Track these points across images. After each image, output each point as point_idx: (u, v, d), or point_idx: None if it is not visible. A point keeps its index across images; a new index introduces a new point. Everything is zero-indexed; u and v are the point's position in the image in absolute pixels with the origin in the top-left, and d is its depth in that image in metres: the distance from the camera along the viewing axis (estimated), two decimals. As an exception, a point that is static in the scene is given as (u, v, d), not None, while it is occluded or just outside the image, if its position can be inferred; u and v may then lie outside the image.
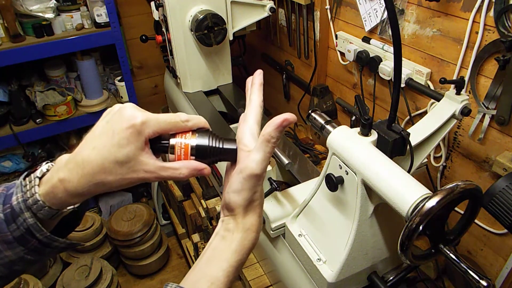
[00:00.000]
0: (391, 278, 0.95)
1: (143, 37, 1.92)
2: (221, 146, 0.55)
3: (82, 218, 0.62)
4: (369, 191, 0.79)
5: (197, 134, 0.55)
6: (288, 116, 0.51)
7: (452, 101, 1.01)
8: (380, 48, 1.42)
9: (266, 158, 0.52)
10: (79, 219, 0.61)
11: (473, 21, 1.10)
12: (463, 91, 1.02)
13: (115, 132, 0.48)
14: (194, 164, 0.53)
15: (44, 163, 0.55)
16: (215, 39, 1.63)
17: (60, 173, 0.50)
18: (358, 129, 0.84)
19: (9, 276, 0.57)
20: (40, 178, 0.52)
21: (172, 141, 0.53)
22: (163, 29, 1.76)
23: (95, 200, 2.54)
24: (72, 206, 0.56)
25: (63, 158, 0.52)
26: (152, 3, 1.73)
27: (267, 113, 2.16)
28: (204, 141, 0.54)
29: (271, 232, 1.08)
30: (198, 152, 0.54)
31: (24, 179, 0.53)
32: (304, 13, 1.78)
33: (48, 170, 0.53)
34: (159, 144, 0.53)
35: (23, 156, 2.14)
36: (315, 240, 0.97)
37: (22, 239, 0.52)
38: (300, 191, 1.15)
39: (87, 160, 0.49)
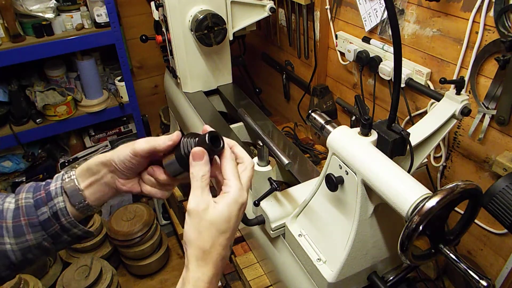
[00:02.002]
0: (391, 278, 0.95)
1: (143, 37, 1.92)
2: (195, 140, 0.60)
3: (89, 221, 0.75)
4: (369, 191, 0.79)
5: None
6: (194, 150, 0.57)
7: (452, 101, 1.01)
8: (380, 48, 1.42)
9: (193, 195, 0.56)
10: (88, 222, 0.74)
11: (473, 21, 1.10)
12: (463, 91, 1.02)
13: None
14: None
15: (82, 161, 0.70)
16: (215, 39, 1.63)
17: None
18: (358, 129, 0.84)
19: (20, 265, 0.65)
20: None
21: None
22: (163, 29, 1.76)
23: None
24: (91, 204, 0.68)
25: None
26: (152, 3, 1.73)
27: (267, 113, 2.16)
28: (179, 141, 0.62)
29: (271, 232, 1.08)
30: (176, 151, 0.62)
31: (65, 173, 0.67)
32: (304, 13, 1.78)
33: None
34: None
35: (23, 156, 2.14)
36: (315, 240, 0.97)
37: (47, 223, 0.64)
38: (300, 191, 1.15)
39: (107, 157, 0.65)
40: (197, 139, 0.58)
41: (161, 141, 0.62)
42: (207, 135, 0.57)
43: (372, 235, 0.87)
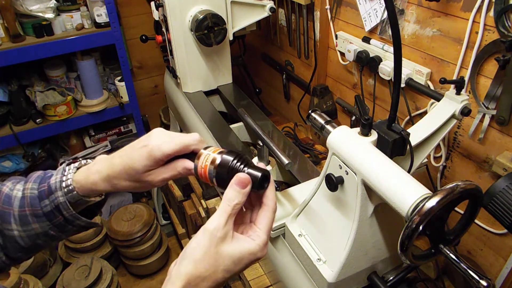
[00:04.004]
0: (391, 278, 0.95)
1: (143, 37, 1.92)
2: (244, 168, 0.56)
3: (100, 209, 0.74)
4: (369, 191, 0.79)
5: (223, 154, 0.58)
6: (240, 176, 0.55)
7: (452, 101, 1.01)
8: (380, 48, 1.42)
9: (218, 217, 0.53)
10: (98, 210, 0.73)
11: (473, 21, 1.10)
12: (463, 91, 1.02)
13: (135, 148, 0.62)
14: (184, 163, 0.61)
15: (82, 159, 0.70)
16: (215, 39, 1.63)
17: (96, 165, 0.65)
18: (358, 129, 0.84)
19: (30, 249, 0.67)
20: (78, 168, 0.67)
21: (200, 153, 0.60)
22: (163, 29, 1.76)
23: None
24: (94, 199, 0.67)
25: (101, 156, 0.67)
26: (152, 3, 1.73)
27: (267, 113, 2.16)
28: (228, 158, 0.57)
29: (271, 232, 1.08)
30: (220, 167, 0.57)
31: (67, 165, 0.67)
32: (304, 13, 1.78)
33: (85, 164, 0.67)
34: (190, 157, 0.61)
35: (23, 156, 2.14)
36: (315, 240, 0.97)
37: (50, 215, 0.64)
38: (300, 191, 1.15)
39: (114, 161, 0.63)
40: (247, 169, 0.56)
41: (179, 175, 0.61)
42: (261, 174, 0.55)
43: (372, 235, 0.87)
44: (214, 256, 0.51)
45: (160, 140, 0.60)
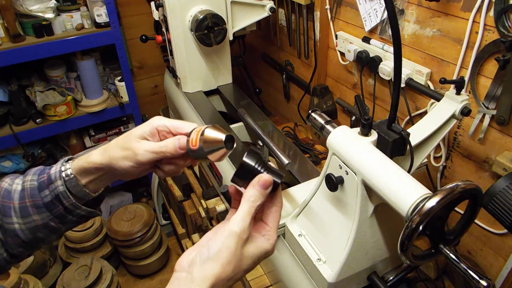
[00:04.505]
0: (391, 278, 0.95)
1: (143, 37, 1.92)
2: (262, 169, 0.56)
3: (100, 204, 0.74)
4: (369, 191, 0.79)
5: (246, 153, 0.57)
6: (265, 177, 0.55)
7: (452, 101, 1.01)
8: (380, 48, 1.42)
9: (242, 219, 0.53)
10: (96, 208, 0.73)
11: (473, 21, 1.10)
12: (463, 91, 1.02)
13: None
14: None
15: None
16: (215, 39, 1.63)
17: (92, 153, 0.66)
18: (358, 129, 0.84)
19: (31, 243, 0.67)
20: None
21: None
22: (163, 29, 1.76)
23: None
24: (93, 194, 0.68)
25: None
26: (152, 3, 1.73)
27: (267, 113, 2.16)
28: (249, 160, 0.56)
29: (271, 232, 1.08)
30: (242, 167, 0.56)
31: (66, 161, 0.68)
32: (304, 13, 1.78)
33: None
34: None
35: (23, 156, 2.14)
36: (315, 240, 0.97)
37: (51, 205, 0.65)
38: (300, 191, 1.15)
39: (108, 144, 0.65)
40: (269, 169, 0.57)
41: (171, 149, 0.60)
42: (281, 178, 0.56)
43: (372, 235, 0.87)
44: (239, 257, 0.53)
45: (141, 150, 0.61)
